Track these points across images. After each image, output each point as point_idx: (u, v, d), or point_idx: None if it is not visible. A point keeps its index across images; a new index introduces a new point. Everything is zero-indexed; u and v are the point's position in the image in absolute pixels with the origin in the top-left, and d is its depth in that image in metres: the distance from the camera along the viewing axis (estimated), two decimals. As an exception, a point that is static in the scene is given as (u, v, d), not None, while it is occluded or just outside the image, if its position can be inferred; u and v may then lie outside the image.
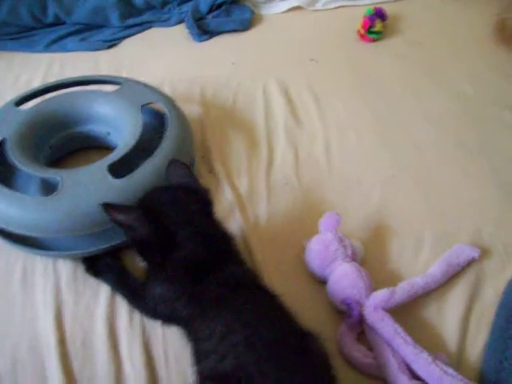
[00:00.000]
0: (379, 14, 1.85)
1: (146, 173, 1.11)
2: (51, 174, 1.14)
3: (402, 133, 1.47)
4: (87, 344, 1.04)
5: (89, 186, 1.09)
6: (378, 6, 1.89)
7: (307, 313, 1.06)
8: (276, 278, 1.12)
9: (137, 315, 1.07)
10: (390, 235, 1.21)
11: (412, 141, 1.45)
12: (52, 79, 1.56)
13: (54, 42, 1.85)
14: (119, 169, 1.13)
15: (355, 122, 1.51)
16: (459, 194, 1.31)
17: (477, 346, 1.02)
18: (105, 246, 1.13)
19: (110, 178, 1.10)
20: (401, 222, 1.24)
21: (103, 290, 1.11)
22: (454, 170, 1.37)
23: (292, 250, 1.18)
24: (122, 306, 1.09)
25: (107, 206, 0.96)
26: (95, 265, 1.13)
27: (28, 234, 1.10)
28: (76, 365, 1.01)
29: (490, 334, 1.03)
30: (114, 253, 1.16)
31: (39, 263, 1.16)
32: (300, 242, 1.17)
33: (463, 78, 1.66)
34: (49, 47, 1.83)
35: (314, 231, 1.17)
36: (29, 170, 1.14)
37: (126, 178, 1.10)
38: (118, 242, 1.12)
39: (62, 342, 1.04)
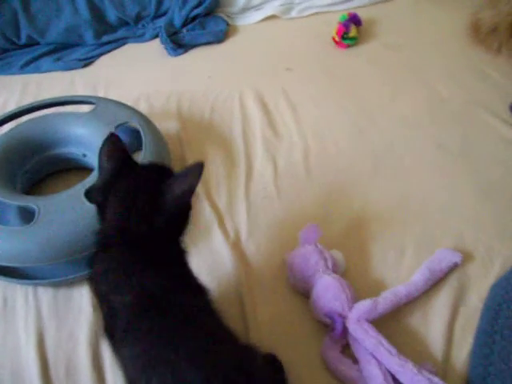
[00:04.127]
0: (354, 20, 1.85)
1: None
2: (28, 202, 1.13)
3: (380, 137, 1.48)
4: (71, 370, 1.03)
5: (66, 212, 1.08)
6: (352, 11, 1.90)
7: (290, 326, 1.07)
8: (258, 292, 1.12)
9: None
10: (371, 243, 1.21)
11: (391, 145, 1.45)
12: (28, 101, 1.55)
13: (29, 63, 1.84)
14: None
15: (333, 129, 1.51)
16: (439, 197, 1.31)
17: (462, 352, 1.02)
18: (84, 273, 1.12)
19: (86, 203, 1.08)
20: (382, 228, 1.24)
21: (86, 314, 1.11)
22: (434, 173, 1.37)
23: (274, 264, 1.17)
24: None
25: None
26: None
27: (7, 264, 1.09)
28: (60, 392, 1.00)
29: (475, 340, 1.03)
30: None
31: (19, 291, 1.15)
32: (282, 255, 1.16)
33: (439, 79, 1.67)
34: (23, 69, 1.82)
35: (295, 242, 1.17)
36: (5, 199, 1.13)
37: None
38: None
39: (45, 369, 1.03)
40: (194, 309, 0.83)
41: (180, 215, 0.90)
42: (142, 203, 0.86)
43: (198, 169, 0.85)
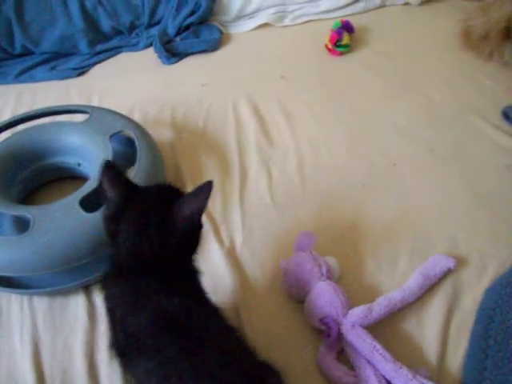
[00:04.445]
0: (346, 27, 1.86)
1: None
2: (22, 211, 1.13)
3: (373, 144, 1.48)
4: (67, 381, 1.02)
5: (61, 222, 1.08)
6: (344, 18, 1.91)
7: (286, 333, 1.07)
8: (253, 299, 1.12)
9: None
10: (365, 249, 1.22)
11: (384, 152, 1.46)
12: (22, 110, 1.55)
13: (23, 72, 1.84)
14: (92, 201, 1.12)
15: (327, 137, 1.51)
16: (433, 202, 1.32)
17: (457, 356, 1.03)
18: (80, 282, 1.12)
19: (81, 212, 1.09)
20: (376, 234, 1.25)
21: (81, 323, 1.11)
22: (427, 179, 1.38)
23: (268, 271, 1.18)
24: (102, 340, 1.07)
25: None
26: None
27: (2, 274, 1.09)
28: (56, 404, 1.00)
29: (470, 344, 1.03)
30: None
31: (15, 301, 1.15)
32: (276, 262, 1.16)
33: (432, 85, 1.68)
34: (18, 78, 1.82)
35: (290, 250, 1.17)
36: (-1, 208, 1.14)
37: (98, 211, 1.09)
38: (94, 276, 1.12)
39: (40, 379, 1.02)
40: (209, 327, 0.85)
41: (191, 234, 0.90)
42: (153, 225, 0.86)
43: (207, 188, 0.85)
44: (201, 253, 1.08)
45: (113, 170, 0.89)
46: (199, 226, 0.92)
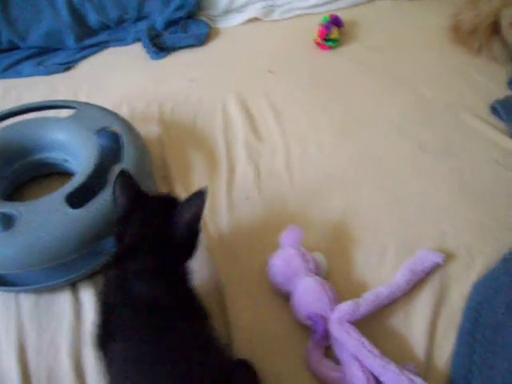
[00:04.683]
0: (335, 22, 1.86)
1: (104, 201, 1.10)
2: (7, 208, 1.12)
3: (363, 140, 1.48)
4: (53, 380, 1.01)
5: (47, 218, 1.07)
6: (333, 13, 1.91)
7: (272, 329, 1.07)
8: (240, 294, 1.12)
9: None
10: (353, 244, 1.21)
11: (373, 147, 1.46)
12: (9, 106, 1.53)
13: (9, 67, 1.81)
14: (78, 197, 1.12)
15: (315, 132, 1.51)
16: (422, 198, 1.32)
17: (445, 351, 1.03)
18: (66, 278, 1.11)
19: (68, 208, 1.08)
20: (364, 230, 1.24)
21: (67, 321, 1.09)
22: (416, 175, 1.38)
23: (255, 266, 1.17)
24: (88, 337, 1.06)
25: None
26: None
27: (-12, 271, 1.08)
28: (42, 402, 0.99)
29: (457, 339, 1.04)
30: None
31: (0, 299, 1.13)
32: (263, 258, 1.16)
33: (422, 80, 1.68)
34: (4, 73, 1.79)
35: (277, 246, 1.16)
36: (-17, 205, 1.12)
37: (85, 207, 1.08)
38: (80, 273, 1.12)
39: (26, 379, 1.01)
40: (190, 329, 0.89)
41: (190, 238, 0.99)
42: (156, 229, 0.96)
43: (202, 195, 0.95)
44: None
45: (126, 178, 1.00)
46: (197, 231, 1.00)
